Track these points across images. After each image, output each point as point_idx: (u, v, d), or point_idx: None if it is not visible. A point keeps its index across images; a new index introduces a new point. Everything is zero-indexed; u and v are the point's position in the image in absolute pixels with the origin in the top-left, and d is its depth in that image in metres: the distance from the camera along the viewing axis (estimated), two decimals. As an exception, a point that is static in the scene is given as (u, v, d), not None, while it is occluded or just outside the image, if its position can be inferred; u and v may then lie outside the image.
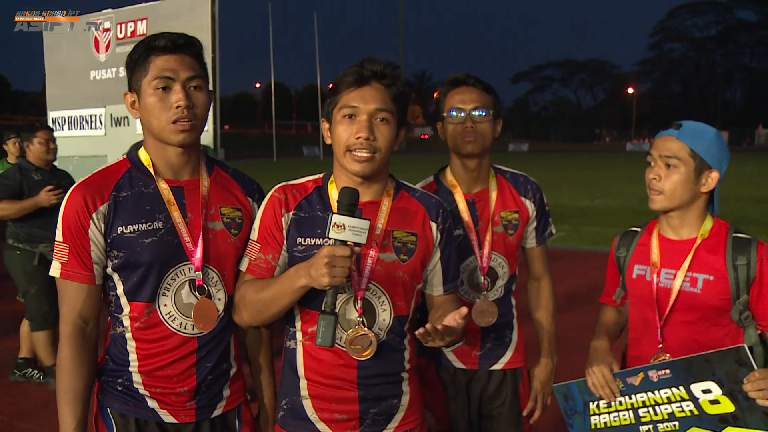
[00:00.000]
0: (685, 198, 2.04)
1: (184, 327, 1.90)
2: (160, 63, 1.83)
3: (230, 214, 1.98)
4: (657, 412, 1.96)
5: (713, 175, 2.04)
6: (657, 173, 2.05)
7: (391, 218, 1.93)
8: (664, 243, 2.14)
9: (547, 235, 2.55)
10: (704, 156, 2.01)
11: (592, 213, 15.49)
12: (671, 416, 1.94)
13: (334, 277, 1.66)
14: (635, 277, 2.18)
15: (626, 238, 2.26)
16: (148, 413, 1.91)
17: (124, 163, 1.94)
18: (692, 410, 1.90)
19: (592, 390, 2.06)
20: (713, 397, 1.87)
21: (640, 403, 1.98)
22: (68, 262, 1.83)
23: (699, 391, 1.89)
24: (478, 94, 2.36)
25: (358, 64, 1.88)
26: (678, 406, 1.92)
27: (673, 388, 1.92)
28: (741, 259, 2.03)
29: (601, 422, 2.05)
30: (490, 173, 2.45)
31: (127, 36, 6.38)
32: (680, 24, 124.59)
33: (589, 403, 2.07)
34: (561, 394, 2.14)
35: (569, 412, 2.12)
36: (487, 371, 2.45)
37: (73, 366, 1.84)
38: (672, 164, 2.02)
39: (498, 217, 2.41)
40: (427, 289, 2.05)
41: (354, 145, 1.83)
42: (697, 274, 2.05)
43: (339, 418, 1.90)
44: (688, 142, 2.01)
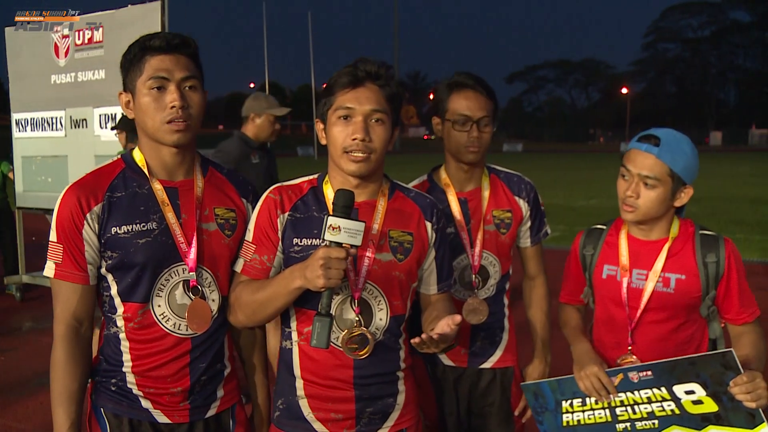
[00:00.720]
0: (659, 212, 2.06)
1: (178, 328, 1.89)
2: (154, 63, 1.83)
3: (224, 215, 1.98)
4: (636, 411, 1.95)
5: (687, 191, 2.06)
6: (634, 191, 2.04)
7: (387, 218, 1.94)
8: (634, 243, 2.15)
9: (543, 235, 2.55)
10: (682, 175, 2.02)
11: (587, 213, 15.53)
12: (650, 415, 1.94)
13: (329, 279, 1.67)
14: (605, 278, 2.17)
15: (592, 236, 2.25)
16: (141, 413, 1.90)
17: (118, 163, 1.94)
18: (673, 410, 1.91)
19: (587, 392, 2.04)
20: (696, 398, 1.88)
21: (617, 402, 1.97)
22: (62, 262, 1.83)
23: (682, 392, 1.89)
24: (484, 101, 2.34)
25: (352, 65, 1.88)
26: (659, 405, 1.93)
27: (654, 389, 1.92)
28: (710, 256, 2.06)
29: (573, 420, 2.04)
30: (483, 173, 2.46)
31: (85, 43, 6.80)
32: (674, 24, 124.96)
33: (562, 402, 2.06)
34: (530, 392, 2.13)
35: (539, 410, 2.11)
36: (476, 369, 2.45)
37: (67, 366, 1.84)
38: (650, 184, 2.02)
39: (490, 216, 2.41)
40: (421, 289, 2.06)
41: (350, 146, 1.83)
42: (669, 273, 2.07)
43: (335, 417, 1.90)
44: (668, 162, 2.00)
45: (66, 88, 7.00)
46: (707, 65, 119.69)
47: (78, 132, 7.03)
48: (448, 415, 2.45)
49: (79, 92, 6.90)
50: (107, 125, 6.56)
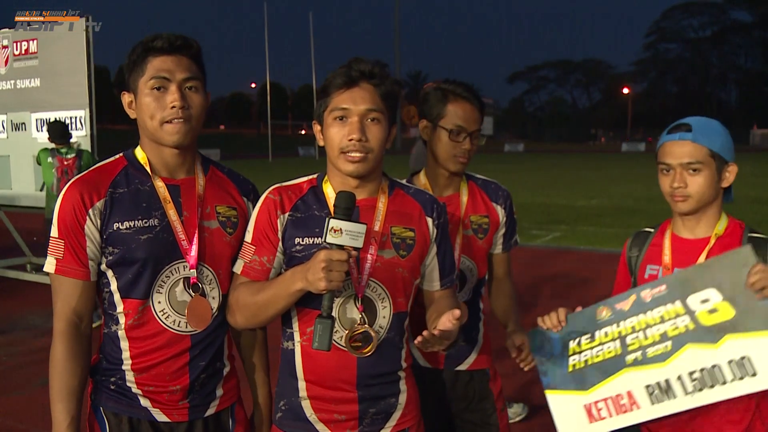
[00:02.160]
0: (711, 196, 2.02)
1: (178, 325, 1.89)
2: (156, 63, 1.83)
3: (225, 213, 1.98)
4: (647, 335, 1.89)
5: (732, 168, 2.03)
6: (682, 180, 1.99)
7: (388, 215, 1.94)
8: (677, 242, 2.11)
9: (513, 243, 2.55)
10: (722, 153, 2.00)
11: (588, 213, 15.53)
12: (663, 337, 1.87)
13: (331, 282, 1.66)
14: (647, 277, 2.13)
15: (639, 239, 2.22)
16: (141, 412, 1.90)
17: (120, 160, 1.94)
18: (687, 325, 1.84)
19: (541, 325, 2.00)
20: (711, 306, 1.81)
21: (629, 329, 1.92)
22: (63, 258, 1.83)
23: (696, 302, 1.83)
24: (478, 114, 2.36)
25: (345, 65, 1.88)
26: (672, 323, 1.86)
27: (668, 304, 1.86)
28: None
29: (581, 361, 1.98)
30: (462, 179, 2.46)
31: (22, 53, 7.76)
32: (675, 24, 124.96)
33: (569, 343, 2.00)
34: (536, 339, 2.07)
35: (543, 359, 2.05)
36: (452, 371, 2.44)
37: (66, 362, 1.83)
38: (695, 168, 1.98)
39: (468, 220, 2.41)
40: (424, 285, 2.05)
41: (347, 147, 1.83)
42: None
43: (338, 418, 1.90)
44: (705, 143, 1.98)
45: (6, 94, 7.96)
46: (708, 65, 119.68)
47: (18, 134, 8.05)
48: (425, 416, 2.44)
49: (18, 98, 7.86)
50: (43, 129, 7.40)
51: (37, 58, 7.63)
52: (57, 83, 7.56)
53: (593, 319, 1.96)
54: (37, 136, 7.79)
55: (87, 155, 6.93)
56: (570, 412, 2.01)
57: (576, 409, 2.00)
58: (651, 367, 1.88)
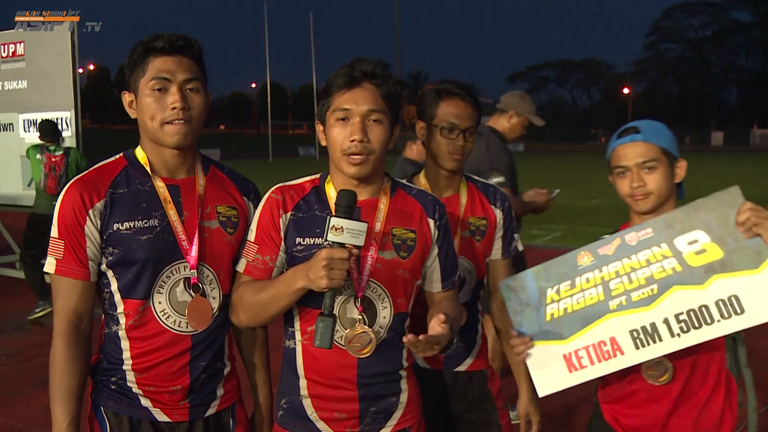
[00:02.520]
0: (668, 192, 2.09)
1: (178, 325, 1.89)
2: (157, 64, 1.83)
3: (226, 213, 1.98)
4: (632, 279, 1.84)
5: (682, 164, 2.10)
6: (638, 180, 2.06)
7: (390, 216, 1.94)
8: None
9: (513, 250, 2.51)
10: (671, 150, 2.08)
11: (588, 213, 15.54)
12: (649, 280, 1.82)
13: (332, 280, 1.67)
14: None
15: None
16: (141, 412, 1.90)
17: (120, 160, 1.94)
18: (674, 267, 1.80)
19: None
20: (700, 247, 1.79)
21: (612, 274, 1.86)
22: (63, 258, 1.83)
23: (684, 243, 1.80)
24: (471, 110, 2.34)
25: (348, 65, 1.88)
26: (658, 266, 1.82)
27: (654, 247, 1.82)
28: None
29: (559, 309, 1.91)
30: (462, 180, 2.46)
31: (9, 55, 8.05)
32: (675, 24, 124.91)
33: (547, 290, 1.92)
34: (511, 289, 1.99)
35: (518, 309, 1.97)
36: (451, 372, 2.43)
37: (66, 362, 1.84)
38: (650, 166, 2.05)
39: (466, 222, 2.40)
40: (426, 286, 2.05)
41: (349, 147, 1.83)
42: None
43: (339, 417, 1.90)
44: (655, 141, 2.06)
45: (-6, 95, 8.36)
46: (709, 65, 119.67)
47: (6, 135, 8.31)
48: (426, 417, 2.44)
49: (6, 99, 8.09)
50: (30, 129, 7.69)
51: (24, 61, 7.93)
52: (44, 85, 7.83)
53: (574, 264, 1.90)
54: (24, 136, 8.06)
55: (74, 152, 7.11)
56: (547, 364, 1.95)
57: (554, 360, 1.94)
58: (636, 311, 1.84)
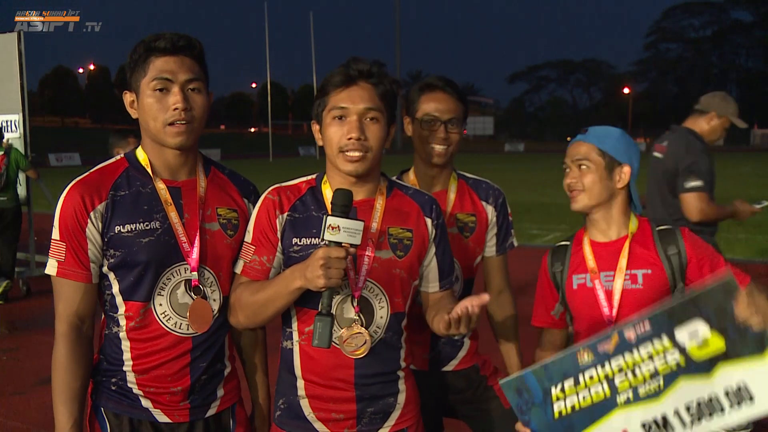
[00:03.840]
0: (603, 195, 2.12)
1: (179, 327, 1.90)
2: (159, 64, 1.82)
3: (226, 215, 1.98)
4: (637, 374, 1.81)
5: (625, 169, 2.13)
6: (573, 176, 2.14)
7: (386, 216, 1.94)
8: (597, 247, 2.17)
9: (508, 246, 2.50)
10: (612, 153, 2.11)
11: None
12: (654, 374, 1.80)
13: (329, 279, 1.67)
14: (576, 287, 2.17)
15: (558, 254, 2.26)
16: (141, 413, 1.91)
17: (121, 162, 1.94)
18: (678, 361, 1.78)
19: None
20: (701, 339, 1.76)
21: (616, 370, 1.82)
22: (65, 260, 1.83)
23: (685, 335, 1.77)
24: (453, 103, 2.34)
25: (344, 65, 1.89)
26: (662, 360, 1.79)
27: (655, 341, 1.79)
28: (671, 248, 2.10)
29: (567, 407, 1.86)
30: (452, 176, 2.44)
31: None
32: (676, 24, 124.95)
33: (551, 389, 1.87)
34: (512, 389, 1.91)
35: (524, 408, 1.91)
36: (438, 372, 2.42)
37: (69, 364, 1.84)
38: (584, 165, 2.12)
39: (453, 218, 2.38)
40: (422, 287, 2.05)
41: (346, 146, 1.84)
42: (635, 270, 2.09)
43: (336, 417, 1.91)
44: (595, 143, 2.12)
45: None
46: (709, 65, 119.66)
47: None
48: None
49: None
50: None
51: None
52: None
53: (574, 363, 1.85)
54: None
55: (15, 152, 7.67)
56: None
57: None
58: (645, 404, 1.82)
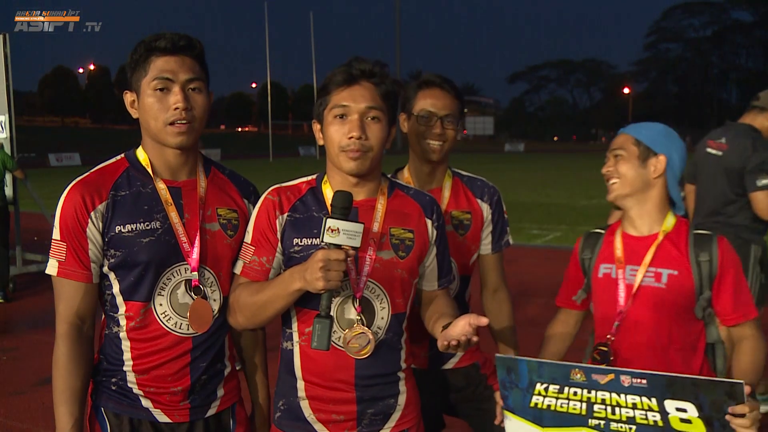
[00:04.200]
0: (636, 184, 2.12)
1: (179, 327, 1.90)
2: (159, 64, 1.83)
3: (227, 215, 1.98)
4: (615, 413, 1.87)
5: (660, 159, 2.11)
6: (609, 165, 2.17)
7: (388, 216, 1.94)
8: (628, 240, 2.17)
9: (504, 244, 2.50)
10: (648, 143, 2.12)
11: (589, 212, 15.52)
12: (630, 420, 1.85)
13: (329, 281, 1.67)
14: (601, 276, 2.18)
15: (590, 240, 2.28)
16: (142, 413, 1.91)
17: (122, 162, 1.94)
18: (657, 422, 1.83)
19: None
20: (686, 417, 1.80)
21: (598, 399, 1.88)
22: (66, 260, 1.83)
23: (672, 407, 1.81)
24: (450, 100, 2.35)
25: (346, 64, 1.89)
26: (642, 414, 1.84)
27: (643, 397, 1.83)
28: (703, 255, 2.06)
29: (543, 404, 1.94)
30: (447, 174, 2.45)
31: None
32: (676, 24, 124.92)
33: (536, 383, 1.94)
34: (504, 366, 1.98)
35: (507, 385, 1.98)
36: (438, 370, 2.43)
37: (70, 364, 1.84)
38: (619, 154, 2.15)
39: (448, 216, 2.38)
40: (422, 285, 2.05)
41: (347, 144, 1.84)
42: (661, 269, 2.07)
43: (336, 418, 1.90)
44: (631, 133, 2.16)
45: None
46: (709, 65, 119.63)
47: None
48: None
49: None
50: None
51: None
52: None
53: (566, 376, 1.92)
54: None
55: (2, 153, 7.82)
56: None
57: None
58: None
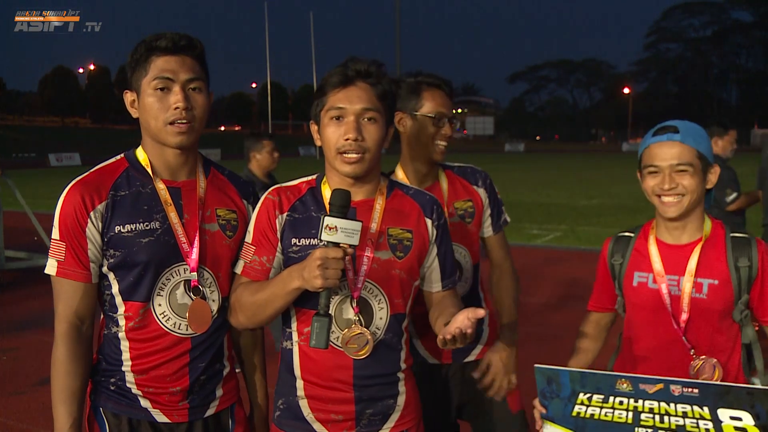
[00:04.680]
0: (700, 199, 2.01)
1: (178, 327, 1.90)
2: (160, 63, 1.83)
3: (226, 215, 1.98)
4: (664, 421, 1.82)
5: (715, 170, 2.03)
6: (673, 181, 1.97)
7: (386, 216, 1.94)
8: (664, 249, 2.08)
9: (503, 223, 2.55)
10: (707, 155, 2.01)
11: (589, 213, 15.53)
12: (680, 428, 1.80)
13: (327, 279, 1.67)
14: (636, 285, 2.10)
15: (620, 244, 2.18)
16: (140, 413, 1.91)
17: (121, 162, 1.94)
18: (709, 429, 1.78)
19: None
20: (741, 425, 1.76)
21: (647, 408, 1.84)
22: (65, 260, 1.83)
23: (726, 416, 1.77)
24: (450, 102, 2.41)
25: (342, 65, 1.88)
26: (693, 422, 1.79)
27: (695, 406, 1.79)
28: (743, 260, 2.00)
29: (586, 413, 1.91)
30: (437, 168, 2.48)
31: None
32: (676, 24, 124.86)
33: (579, 393, 1.92)
34: (544, 376, 1.96)
35: (548, 395, 1.95)
36: (461, 364, 2.45)
37: (68, 364, 1.84)
38: (684, 170, 1.97)
39: (452, 208, 2.42)
40: (425, 287, 2.05)
41: (343, 146, 1.84)
42: (701, 279, 2.00)
43: (335, 418, 1.91)
44: (693, 144, 1.98)
45: None
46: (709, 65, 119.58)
47: None
48: (434, 413, 2.42)
49: None
50: None
51: None
52: None
53: (612, 385, 1.89)
54: None
55: None
56: None
57: None
58: None
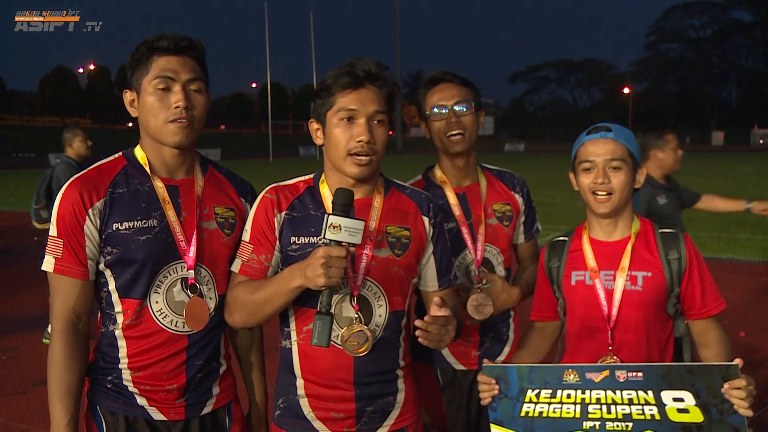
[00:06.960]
0: (628, 197, 2.09)
1: (175, 325, 1.90)
2: (161, 63, 1.84)
3: (224, 214, 1.99)
4: (611, 411, 1.87)
5: (642, 171, 2.13)
6: (605, 177, 2.04)
7: (384, 215, 1.94)
8: (597, 246, 2.15)
9: (535, 231, 2.56)
10: (636, 154, 2.09)
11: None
12: (626, 417, 1.86)
13: (330, 278, 1.67)
14: (574, 284, 2.15)
15: (556, 249, 2.24)
16: (137, 411, 1.91)
17: (119, 160, 1.94)
18: (654, 415, 1.84)
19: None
20: (683, 406, 1.82)
21: (593, 399, 1.88)
22: (62, 257, 1.83)
23: (669, 398, 1.83)
24: (457, 89, 2.37)
25: (348, 65, 1.88)
26: (639, 408, 1.85)
27: (639, 391, 1.85)
28: (672, 253, 2.09)
29: (534, 411, 1.93)
30: (477, 169, 2.47)
31: None
32: (676, 24, 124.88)
33: (527, 390, 1.94)
34: (493, 374, 1.98)
35: (496, 395, 1.97)
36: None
37: (65, 361, 1.84)
38: (616, 166, 2.04)
39: (491, 209, 2.42)
40: (421, 286, 2.05)
41: (355, 148, 1.84)
42: (636, 272, 2.08)
43: (335, 416, 1.91)
44: (624, 142, 2.07)
45: None
46: (709, 65, 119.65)
47: None
48: (459, 420, 2.43)
49: None
50: None
51: None
52: None
53: (559, 378, 1.92)
54: None
55: None
56: None
57: None
58: None
